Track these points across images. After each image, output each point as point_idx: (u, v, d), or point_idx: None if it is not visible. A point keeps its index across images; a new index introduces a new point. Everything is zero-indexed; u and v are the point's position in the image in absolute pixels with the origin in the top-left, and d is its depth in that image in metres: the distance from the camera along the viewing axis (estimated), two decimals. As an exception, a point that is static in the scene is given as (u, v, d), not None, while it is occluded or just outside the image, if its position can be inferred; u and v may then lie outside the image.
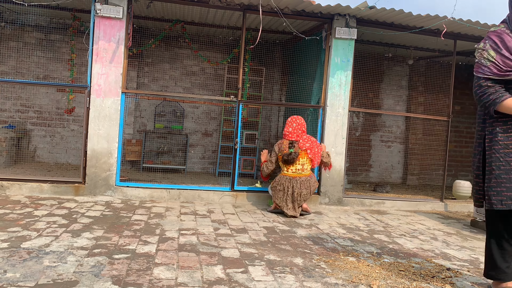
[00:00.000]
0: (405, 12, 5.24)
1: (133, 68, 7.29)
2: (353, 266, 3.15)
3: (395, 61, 8.20)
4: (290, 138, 4.86)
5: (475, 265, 3.44)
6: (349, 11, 5.38)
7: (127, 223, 3.94)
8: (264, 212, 4.96)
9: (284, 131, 4.93)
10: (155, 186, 5.27)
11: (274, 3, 5.15)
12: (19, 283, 2.39)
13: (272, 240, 3.73)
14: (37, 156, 7.17)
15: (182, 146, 7.57)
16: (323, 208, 5.49)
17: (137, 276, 2.62)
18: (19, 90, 7.09)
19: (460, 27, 5.63)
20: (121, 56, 5.10)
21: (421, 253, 3.70)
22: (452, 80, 6.29)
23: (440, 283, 2.91)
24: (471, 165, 2.78)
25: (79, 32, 6.97)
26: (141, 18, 6.54)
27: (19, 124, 7.04)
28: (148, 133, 7.37)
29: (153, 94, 6.79)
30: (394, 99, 8.33)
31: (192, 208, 4.85)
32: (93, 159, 5.06)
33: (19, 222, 3.66)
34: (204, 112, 7.74)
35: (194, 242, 3.48)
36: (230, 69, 7.62)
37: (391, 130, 8.40)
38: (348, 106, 5.68)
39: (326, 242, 3.80)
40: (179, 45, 7.51)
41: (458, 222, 5.31)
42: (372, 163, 8.31)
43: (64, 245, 3.12)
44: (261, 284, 2.64)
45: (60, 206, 4.44)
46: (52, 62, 7.13)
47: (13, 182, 4.93)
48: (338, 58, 5.63)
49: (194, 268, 2.86)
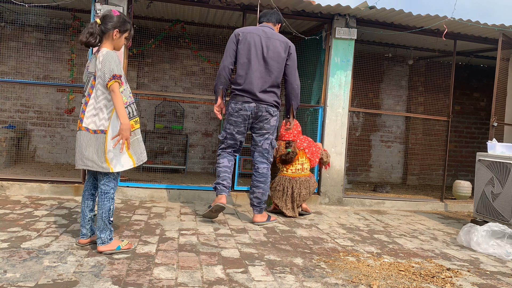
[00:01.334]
0: (405, 12, 5.24)
1: (133, 68, 7.29)
2: (353, 266, 3.15)
3: (395, 61, 8.20)
4: (287, 138, 4.86)
5: (475, 265, 3.44)
6: (349, 11, 5.38)
7: (127, 223, 3.94)
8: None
9: (281, 132, 4.94)
10: (155, 186, 5.27)
11: (274, 3, 5.15)
12: (19, 283, 2.39)
13: (272, 240, 3.73)
14: (37, 156, 7.17)
15: (182, 146, 7.57)
16: (323, 208, 5.49)
17: (137, 276, 2.62)
18: (19, 90, 7.10)
19: (460, 27, 5.63)
20: (121, 56, 5.10)
21: (421, 253, 3.70)
22: (452, 80, 6.30)
23: (440, 283, 2.91)
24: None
25: (79, 32, 6.97)
26: (141, 18, 6.54)
27: (19, 124, 7.04)
28: (148, 133, 7.37)
29: (153, 94, 6.78)
30: (394, 99, 8.33)
31: (192, 208, 4.85)
32: (93, 159, 5.06)
33: (19, 222, 3.66)
34: (204, 112, 7.75)
35: (194, 242, 3.48)
36: (230, 69, 7.61)
37: (391, 130, 8.40)
38: (348, 106, 5.68)
39: (326, 242, 3.80)
40: (179, 45, 7.51)
41: (458, 222, 5.31)
42: (372, 163, 8.31)
43: (64, 245, 3.12)
44: (261, 284, 2.64)
45: (60, 206, 4.44)
46: (52, 62, 7.13)
47: (13, 182, 4.93)
48: (338, 58, 5.63)
49: (194, 268, 2.86)
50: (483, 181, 4.85)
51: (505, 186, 4.53)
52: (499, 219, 4.60)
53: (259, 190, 4.29)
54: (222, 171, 4.27)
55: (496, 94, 5.64)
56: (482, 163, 4.89)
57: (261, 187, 4.29)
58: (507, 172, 4.52)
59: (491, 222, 4.78)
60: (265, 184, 4.30)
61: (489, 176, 4.76)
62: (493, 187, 4.70)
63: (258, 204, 4.31)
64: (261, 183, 4.29)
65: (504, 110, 6.12)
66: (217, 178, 4.27)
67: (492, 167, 4.74)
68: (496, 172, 4.68)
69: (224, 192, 4.19)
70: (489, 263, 3.54)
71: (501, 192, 4.59)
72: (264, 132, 4.32)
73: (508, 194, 4.50)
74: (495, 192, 4.66)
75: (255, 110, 4.20)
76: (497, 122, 5.71)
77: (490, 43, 6.11)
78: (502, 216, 4.55)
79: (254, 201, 4.32)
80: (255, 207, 4.32)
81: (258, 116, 4.24)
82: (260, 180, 4.29)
